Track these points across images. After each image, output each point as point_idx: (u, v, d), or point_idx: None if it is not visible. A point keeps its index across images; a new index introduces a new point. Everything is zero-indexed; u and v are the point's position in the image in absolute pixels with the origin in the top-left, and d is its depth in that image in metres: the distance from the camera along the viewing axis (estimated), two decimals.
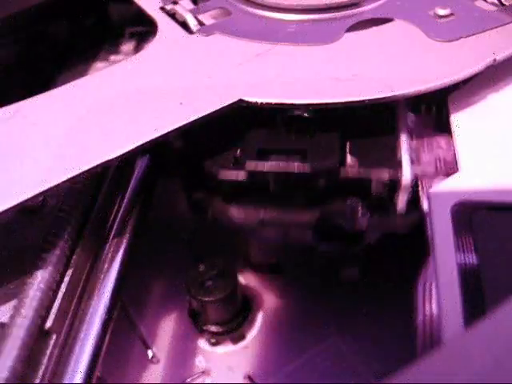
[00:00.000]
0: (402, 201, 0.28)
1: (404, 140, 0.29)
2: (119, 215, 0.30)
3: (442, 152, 0.29)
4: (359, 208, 0.27)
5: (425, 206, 0.25)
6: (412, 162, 0.28)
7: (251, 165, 0.28)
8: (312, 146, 0.28)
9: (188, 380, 0.32)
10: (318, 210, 0.29)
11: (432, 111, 0.31)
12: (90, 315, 0.26)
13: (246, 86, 0.28)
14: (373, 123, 0.30)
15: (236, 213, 0.30)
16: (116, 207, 0.30)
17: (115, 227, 0.29)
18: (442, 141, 0.29)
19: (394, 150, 0.29)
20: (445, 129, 0.30)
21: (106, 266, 0.27)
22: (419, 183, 0.27)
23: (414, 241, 0.26)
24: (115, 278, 0.27)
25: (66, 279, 0.26)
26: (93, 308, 0.26)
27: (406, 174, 0.27)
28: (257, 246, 0.31)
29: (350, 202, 0.27)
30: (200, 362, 0.33)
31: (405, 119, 0.30)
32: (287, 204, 0.29)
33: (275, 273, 0.34)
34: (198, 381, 0.32)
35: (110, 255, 0.28)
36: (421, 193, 0.27)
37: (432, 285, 0.22)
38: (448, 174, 0.28)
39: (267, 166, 0.28)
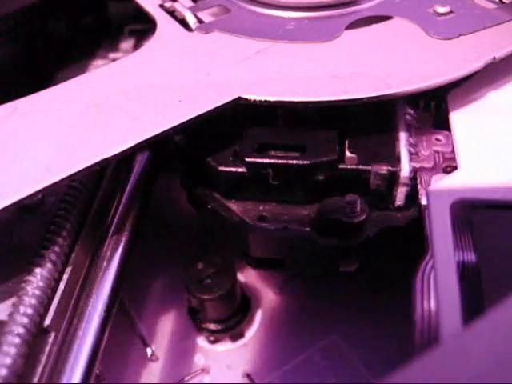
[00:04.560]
0: (400, 195, 0.28)
1: (403, 135, 0.29)
2: (118, 212, 0.30)
3: (440, 147, 0.29)
4: (358, 203, 0.27)
5: (423, 201, 0.26)
6: (410, 156, 0.28)
7: (251, 159, 0.28)
8: (311, 141, 0.29)
9: (187, 378, 0.32)
10: (318, 205, 0.29)
11: (431, 108, 0.31)
12: (89, 313, 0.26)
13: (244, 84, 0.28)
14: (372, 119, 0.30)
15: (235, 208, 0.30)
16: (115, 204, 0.30)
17: (114, 225, 0.29)
18: (440, 136, 0.30)
19: (393, 145, 0.29)
20: (444, 126, 0.30)
21: (104, 263, 0.27)
22: (418, 178, 0.28)
23: (413, 235, 0.26)
24: (114, 275, 0.27)
25: (65, 277, 0.26)
26: (91, 306, 0.26)
27: (405, 168, 0.27)
28: (256, 242, 0.31)
29: (349, 197, 0.27)
30: (199, 359, 0.33)
31: (404, 115, 0.30)
32: (286, 199, 0.29)
33: (276, 268, 0.34)
34: (197, 379, 0.32)
35: (108, 253, 0.28)
36: (419, 187, 0.27)
37: (430, 279, 0.22)
38: (447, 170, 0.28)
39: (266, 160, 0.28)
